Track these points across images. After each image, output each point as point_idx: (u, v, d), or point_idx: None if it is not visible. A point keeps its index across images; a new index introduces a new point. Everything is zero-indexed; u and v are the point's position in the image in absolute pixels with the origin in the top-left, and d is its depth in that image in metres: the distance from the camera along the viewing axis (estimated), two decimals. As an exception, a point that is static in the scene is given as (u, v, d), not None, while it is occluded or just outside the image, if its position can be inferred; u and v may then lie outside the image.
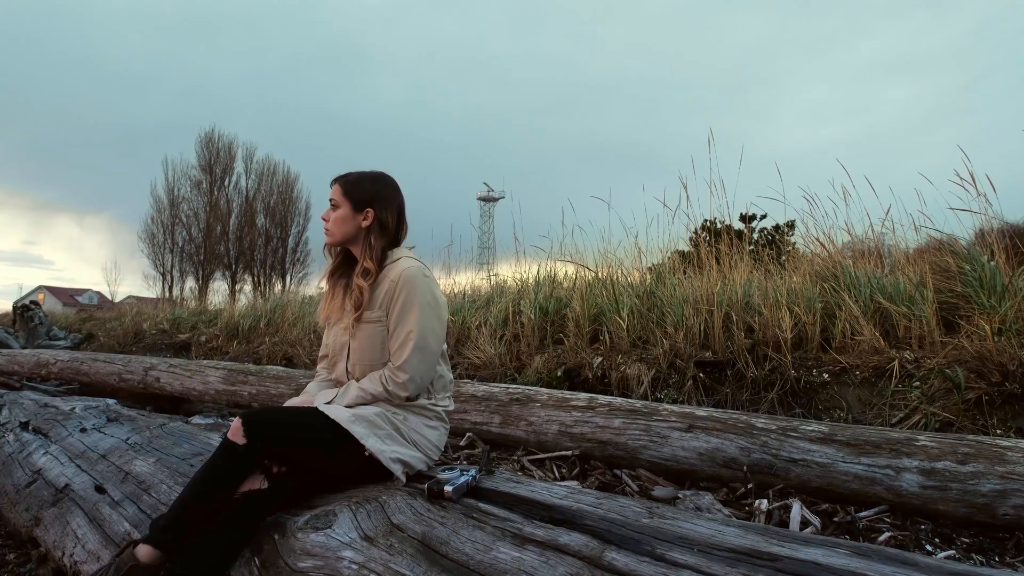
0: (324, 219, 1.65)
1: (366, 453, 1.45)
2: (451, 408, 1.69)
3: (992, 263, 3.05)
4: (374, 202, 1.61)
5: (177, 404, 4.61)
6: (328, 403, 1.54)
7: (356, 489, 1.45)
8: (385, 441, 1.48)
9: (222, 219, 31.05)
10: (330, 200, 1.63)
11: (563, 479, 2.41)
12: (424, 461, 1.57)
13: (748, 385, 3.18)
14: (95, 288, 33.58)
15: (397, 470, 1.48)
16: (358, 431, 1.45)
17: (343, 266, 1.69)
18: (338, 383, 1.69)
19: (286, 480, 1.41)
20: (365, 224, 1.61)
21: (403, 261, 1.59)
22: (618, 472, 2.41)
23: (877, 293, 3.26)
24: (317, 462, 1.45)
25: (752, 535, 1.07)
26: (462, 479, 1.38)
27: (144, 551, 1.33)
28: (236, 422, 1.38)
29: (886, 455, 1.96)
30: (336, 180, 1.65)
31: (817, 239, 4.03)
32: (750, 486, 2.15)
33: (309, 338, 6.26)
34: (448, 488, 1.35)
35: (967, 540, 1.80)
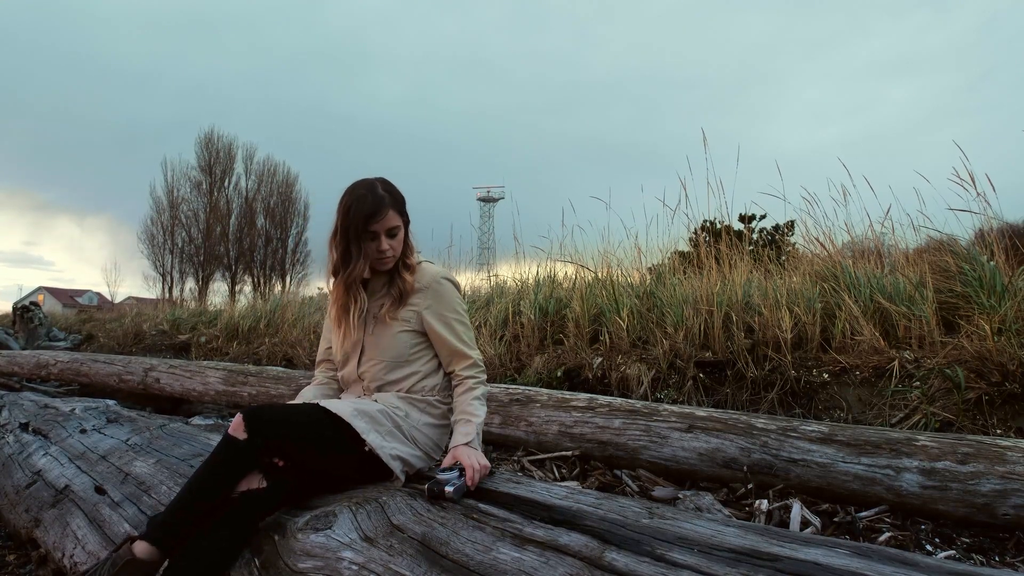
0: (384, 249, 1.55)
1: (366, 448, 1.45)
2: None
3: (992, 263, 3.05)
4: (405, 205, 1.63)
5: (177, 405, 4.61)
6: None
7: (356, 490, 1.45)
8: (385, 438, 1.49)
9: (222, 220, 31.04)
10: (387, 231, 1.55)
11: (563, 479, 2.41)
12: (424, 460, 1.57)
13: (748, 385, 3.18)
14: (95, 289, 33.60)
15: (396, 468, 1.48)
16: (360, 425, 1.45)
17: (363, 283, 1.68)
18: (344, 382, 1.70)
19: (285, 478, 1.41)
20: (407, 230, 1.63)
21: (428, 267, 1.66)
22: (618, 472, 2.41)
23: (877, 293, 3.27)
24: (317, 459, 1.45)
25: (752, 535, 1.07)
26: (462, 479, 1.38)
27: (141, 547, 1.32)
28: (237, 418, 1.38)
29: (886, 455, 1.96)
30: (384, 209, 1.54)
31: (817, 239, 4.03)
32: (750, 486, 2.15)
33: (309, 339, 6.27)
34: (449, 488, 1.35)
35: (967, 540, 1.80)
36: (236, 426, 1.37)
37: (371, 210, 1.52)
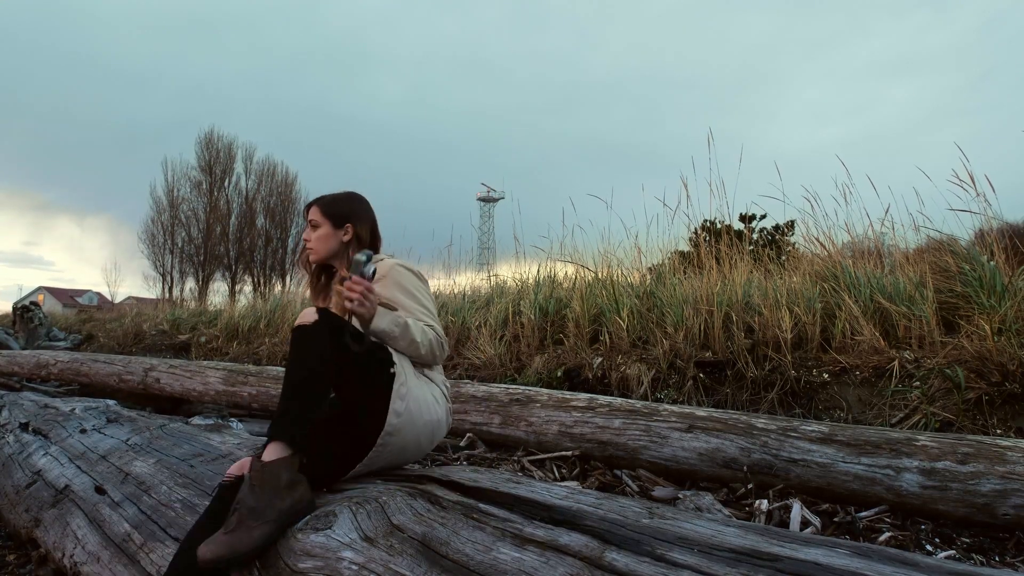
0: (306, 239, 1.75)
1: (392, 370, 1.49)
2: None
3: (992, 263, 3.05)
4: (351, 218, 1.74)
5: (177, 405, 4.61)
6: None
7: (356, 489, 1.45)
8: (412, 385, 1.53)
9: (222, 220, 31.05)
10: (310, 222, 1.75)
11: (563, 479, 2.41)
12: (416, 443, 1.56)
13: (748, 385, 3.19)
14: (95, 289, 33.60)
15: (393, 422, 1.48)
16: (398, 363, 1.50)
17: (323, 279, 1.81)
18: None
19: None
20: (346, 239, 1.74)
21: (387, 259, 1.71)
22: (618, 472, 2.41)
23: (877, 293, 3.27)
24: (350, 375, 1.47)
25: (752, 535, 1.07)
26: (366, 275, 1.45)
27: (269, 451, 1.34)
28: (308, 310, 1.44)
29: (886, 455, 1.96)
30: (313, 203, 1.77)
31: (817, 239, 4.03)
32: (750, 486, 2.15)
33: (309, 339, 6.25)
34: (362, 260, 1.44)
35: (967, 540, 1.80)
36: (306, 315, 1.42)
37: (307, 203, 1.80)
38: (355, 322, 1.51)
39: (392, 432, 1.50)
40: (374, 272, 1.48)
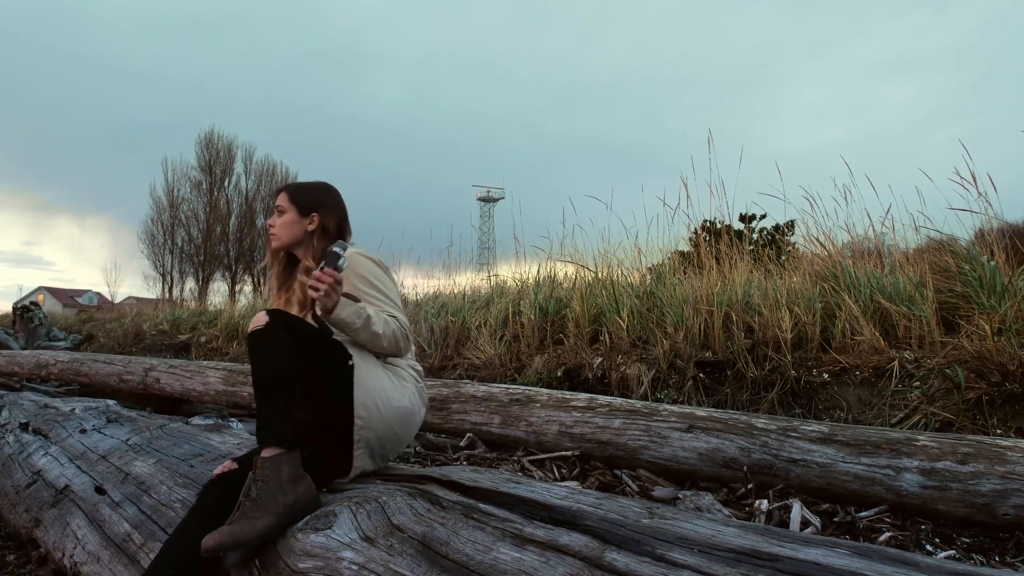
0: (270, 224, 1.73)
1: (350, 362, 1.48)
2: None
3: (992, 263, 3.05)
4: (319, 208, 1.71)
5: (177, 405, 4.61)
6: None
7: (356, 490, 1.45)
8: (373, 374, 1.51)
9: (222, 220, 31.08)
10: (276, 207, 1.73)
11: (563, 479, 2.41)
12: (388, 427, 1.54)
13: (748, 385, 3.19)
14: (95, 289, 33.59)
15: (362, 414, 1.47)
16: (356, 354, 1.49)
17: (288, 268, 1.78)
18: None
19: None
20: (311, 228, 1.70)
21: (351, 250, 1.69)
22: (618, 472, 2.41)
23: (877, 293, 3.27)
24: (307, 376, 1.45)
25: (752, 535, 1.07)
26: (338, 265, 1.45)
27: (266, 452, 1.36)
28: (258, 314, 1.43)
29: (886, 455, 1.96)
30: (282, 189, 1.75)
31: (817, 239, 4.03)
32: (750, 486, 2.15)
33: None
34: (338, 254, 1.44)
35: (967, 540, 1.80)
36: (257, 319, 1.41)
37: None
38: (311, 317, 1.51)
39: (364, 425, 1.49)
40: (344, 265, 1.48)
